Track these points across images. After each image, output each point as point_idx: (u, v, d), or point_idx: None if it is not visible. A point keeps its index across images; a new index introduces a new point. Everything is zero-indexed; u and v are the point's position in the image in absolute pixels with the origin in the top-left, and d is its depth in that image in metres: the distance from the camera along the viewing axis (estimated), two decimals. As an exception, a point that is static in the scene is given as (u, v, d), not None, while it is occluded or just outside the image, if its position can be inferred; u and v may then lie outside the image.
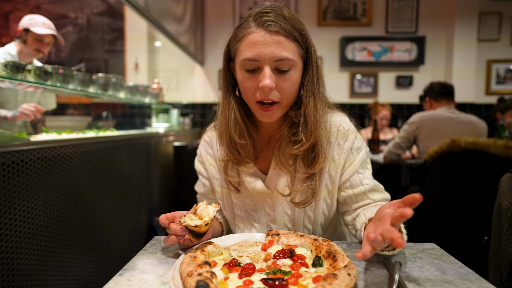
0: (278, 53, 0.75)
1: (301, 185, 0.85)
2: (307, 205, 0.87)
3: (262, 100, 0.79)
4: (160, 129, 2.99)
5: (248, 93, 0.80)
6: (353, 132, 0.89)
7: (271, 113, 0.81)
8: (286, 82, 0.78)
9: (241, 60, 0.78)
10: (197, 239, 0.72)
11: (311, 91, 0.82)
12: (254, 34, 0.76)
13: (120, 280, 0.60)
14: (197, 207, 0.72)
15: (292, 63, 0.77)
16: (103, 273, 1.51)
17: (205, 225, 0.68)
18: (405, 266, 0.65)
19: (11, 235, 1.01)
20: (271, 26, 0.75)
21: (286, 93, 0.79)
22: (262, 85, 0.76)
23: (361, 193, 0.87)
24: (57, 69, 1.57)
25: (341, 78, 4.28)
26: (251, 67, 0.78)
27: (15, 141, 1.08)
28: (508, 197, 1.10)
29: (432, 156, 1.93)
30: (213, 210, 0.71)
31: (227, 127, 0.87)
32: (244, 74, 0.79)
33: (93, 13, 4.46)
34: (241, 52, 0.79)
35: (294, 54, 0.78)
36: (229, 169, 0.92)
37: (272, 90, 0.77)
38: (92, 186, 1.48)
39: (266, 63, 0.76)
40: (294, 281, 0.57)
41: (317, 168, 0.83)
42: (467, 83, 4.03)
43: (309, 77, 0.82)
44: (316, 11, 4.18)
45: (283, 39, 0.76)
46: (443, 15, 4.11)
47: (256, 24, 0.77)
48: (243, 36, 0.78)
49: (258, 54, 0.75)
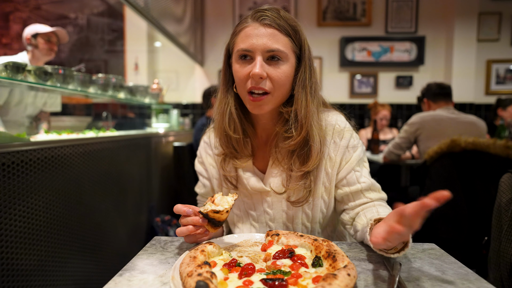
0: (270, 44, 0.79)
1: (296, 184, 0.86)
2: (302, 204, 0.88)
3: (253, 90, 0.81)
4: (160, 129, 2.99)
5: (241, 83, 0.83)
6: (349, 130, 0.90)
7: (261, 104, 0.82)
8: (277, 71, 0.81)
9: (236, 51, 0.83)
10: (215, 229, 0.73)
11: (302, 86, 0.84)
12: (249, 27, 0.81)
13: (120, 281, 0.60)
14: (214, 198, 0.75)
15: (283, 55, 0.81)
16: (103, 273, 1.51)
17: (226, 212, 0.71)
18: (405, 266, 0.65)
19: (11, 235, 1.01)
20: (265, 20, 0.80)
21: (277, 83, 0.81)
22: (253, 73, 0.79)
23: (358, 191, 0.88)
24: (57, 70, 1.57)
25: (341, 78, 4.28)
26: (246, 58, 0.82)
27: (15, 141, 1.08)
28: (508, 197, 1.10)
29: (432, 156, 1.93)
30: (231, 199, 0.73)
31: (222, 120, 0.89)
32: (238, 64, 0.83)
33: (93, 13, 4.47)
34: (237, 44, 0.83)
35: (286, 47, 0.81)
36: (226, 164, 0.93)
37: (263, 79, 0.80)
38: (92, 186, 1.48)
39: (258, 53, 0.80)
40: (294, 281, 0.57)
41: (310, 165, 0.84)
42: (467, 83, 4.03)
43: (301, 73, 0.85)
44: (316, 11, 4.18)
45: (275, 32, 0.80)
46: (443, 15, 4.12)
47: (252, 19, 0.82)
48: (240, 30, 0.83)
49: (252, 45, 0.79)
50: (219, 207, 0.71)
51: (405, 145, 2.48)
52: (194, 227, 0.72)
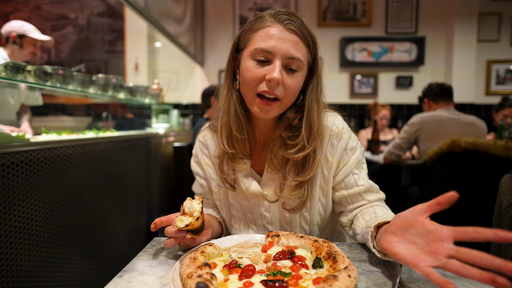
0: (292, 51, 0.77)
1: (289, 193, 0.85)
2: (299, 211, 0.87)
3: (265, 94, 0.78)
4: (160, 129, 2.98)
5: (251, 83, 0.79)
6: (347, 132, 0.88)
7: (269, 109, 0.80)
8: (292, 80, 0.79)
9: (253, 49, 0.79)
10: (198, 235, 0.72)
11: (315, 99, 0.83)
12: (272, 28, 0.78)
13: (120, 282, 0.60)
14: (184, 206, 0.72)
15: (301, 65, 0.79)
16: (103, 274, 1.51)
17: (196, 219, 0.68)
18: (405, 267, 0.65)
19: (11, 236, 1.00)
20: (289, 25, 0.78)
21: (290, 92, 0.80)
22: (271, 77, 0.76)
23: (356, 194, 0.87)
24: (57, 70, 1.57)
25: (341, 78, 4.28)
26: (262, 58, 0.78)
27: (15, 142, 1.07)
28: (508, 197, 1.10)
29: (432, 157, 1.93)
30: (197, 203, 0.71)
31: (228, 118, 0.86)
32: (252, 63, 0.79)
33: (93, 13, 4.47)
34: (254, 41, 0.79)
35: (304, 57, 0.80)
36: (224, 166, 0.92)
37: (278, 85, 0.78)
38: (92, 187, 1.47)
39: (279, 58, 0.77)
40: (294, 283, 0.56)
41: (307, 175, 0.83)
42: (467, 84, 4.03)
43: (313, 85, 0.84)
44: (316, 12, 4.18)
45: (298, 40, 0.78)
46: (443, 15, 4.12)
47: (275, 19, 0.79)
48: (260, 28, 0.80)
49: (274, 47, 0.77)
50: (186, 221, 0.68)
51: (405, 146, 2.48)
52: (176, 239, 0.71)
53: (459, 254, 0.50)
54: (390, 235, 0.60)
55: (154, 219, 0.73)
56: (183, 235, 0.69)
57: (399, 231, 0.58)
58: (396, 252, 0.57)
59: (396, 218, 0.61)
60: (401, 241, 0.58)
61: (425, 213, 0.56)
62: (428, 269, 0.51)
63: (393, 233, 0.59)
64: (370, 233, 0.72)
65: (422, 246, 0.55)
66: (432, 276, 0.50)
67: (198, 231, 0.71)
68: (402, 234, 0.58)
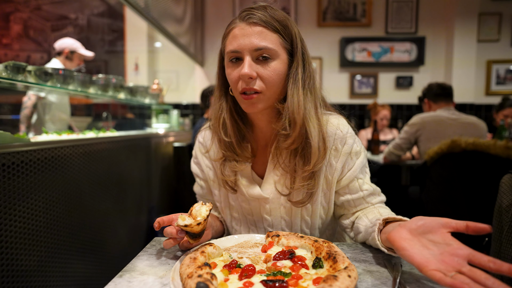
0: (257, 42, 0.77)
1: (301, 184, 0.83)
2: (304, 205, 0.86)
3: (245, 91, 0.79)
4: (160, 129, 2.98)
5: (233, 84, 0.82)
6: (352, 136, 0.86)
7: (253, 101, 0.80)
8: (267, 70, 0.79)
9: (226, 53, 0.82)
10: (195, 240, 0.71)
11: (293, 81, 0.81)
12: (236, 27, 0.80)
13: (120, 282, 0.60)
14: (193, 207, 0.72)
15: (272, 52, 0.78)
16: (103, 274, 1.51)
17: (197, 224, 0.67)
18: (405, 268, 0.65)
19: (11, 236, 1.00)
20: (251, 19, 0.79)
21: (268, 82, 0.79)
22: (241, 74, 0.77)
23: (360, 198, 0.87)
24: (57, 70, 1.57)
25: (341, 78, 4.28)
26: (234, 59, 0.80)
27: (15, 142, 1.07)
28: (509, 198, 1.10)
29: (432, 157, 1.93)
30: (205, 209, 0.70)
31: (217, 124, 0.89)
32: (229, 66, 0.82)
33: (93, 14, 4.47)
34: (226, 46, 0.82)
35: (275, 44, 0.79)
36: (225, 168, 0.91)
37: (252, 79, 0.78)
38: (92, 187, 1.48)
39: (246, 53, 0.78)
40: (294, 283, 0.56)
41: (312, 163, 0.81)
42: (467, 84, 4.03)
43: (293, 69, 0.82)
44: (316, 12, 4.18)
45: (263, 29, 0.78)
46: (443, 15, 4.12)
47: (239, 19, 0.81)
48: (228, 32, 0.82)
49: (239, 45, 0.78)
50: (186, 221, 0.67)
51: (405, 146, 2.48)
52: (174, 240, 0.71)
53: (471, 273, 0.50)
54: (405, 230, 0.59)
55: (154, 219, 0.73)
56: (182, 235, 0.69)
57: (417, 231, 0.58)
58: (406, 248, 0.56)
59: (418, 219, 0.60)
60: (414, 241, 0.57)
61: (449, 228, 0.57)
62: (438, 272, 0.51)
63: (409, 230, 0.59)
64: (378, 225, 0.71)
65: (434, 253, 0.55)
66: (444, 280, 0.50)
67: (196, 236, 0.70)
68: (418, 236, 0.58)
